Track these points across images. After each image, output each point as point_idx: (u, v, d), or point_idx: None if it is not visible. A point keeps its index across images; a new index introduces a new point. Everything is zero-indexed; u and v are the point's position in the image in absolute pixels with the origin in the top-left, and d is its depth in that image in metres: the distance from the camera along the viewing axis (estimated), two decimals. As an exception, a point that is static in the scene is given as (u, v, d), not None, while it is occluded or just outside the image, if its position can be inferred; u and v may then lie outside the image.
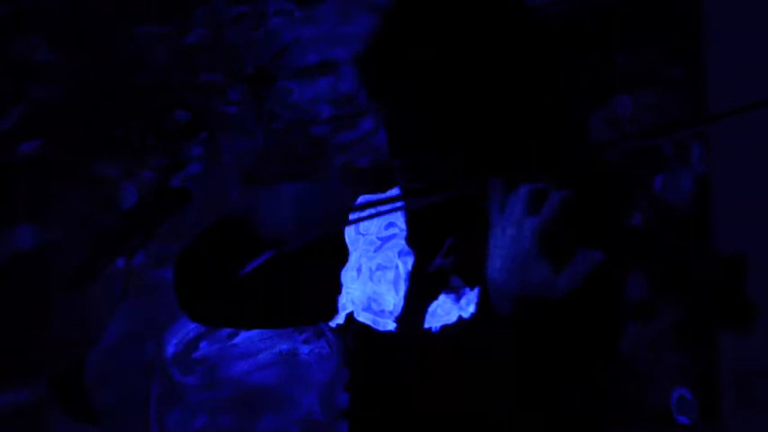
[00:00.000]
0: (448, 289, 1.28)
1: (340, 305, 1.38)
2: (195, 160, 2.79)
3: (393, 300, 1.32)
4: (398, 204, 1.28)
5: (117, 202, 2.77)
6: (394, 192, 1.36)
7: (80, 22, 2.78)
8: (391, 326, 1.31)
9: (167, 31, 2.84)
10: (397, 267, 1.33)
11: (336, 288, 1.38)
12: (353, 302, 1.36)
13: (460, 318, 1.25)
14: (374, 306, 1.33)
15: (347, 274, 1.38)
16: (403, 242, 1.35)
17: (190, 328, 2.63)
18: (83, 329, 2.62)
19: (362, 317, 1.34)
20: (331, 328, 1.56)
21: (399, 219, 1.37)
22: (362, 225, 1.38)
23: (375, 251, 1.36)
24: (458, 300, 1.27)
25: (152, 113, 2.78)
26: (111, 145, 2.78)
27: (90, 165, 2.76)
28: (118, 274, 2.68)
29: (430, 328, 1.27)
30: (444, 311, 1.27)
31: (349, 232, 1.40)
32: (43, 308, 2.64)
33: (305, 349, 2.76)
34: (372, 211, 1.27)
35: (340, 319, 1.38)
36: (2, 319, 2.63)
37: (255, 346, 2.65)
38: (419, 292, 1.31)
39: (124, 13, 2.79)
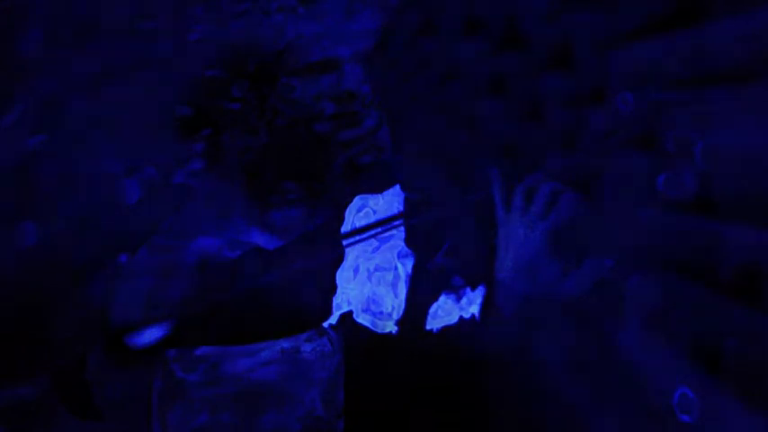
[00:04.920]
0: (449, 289, 1.28)
1: (334, 305, 1.38)
2: (197, 157, 2.79)
3: (392, 302, 1.32)
4: (396, 224, 1.28)
5: (119, 199, 2.77)
6: (392, 193, 1.36)
7: (81, 18, 2.78)
8: (390, 327, 1.31)
9: (169, 27, 2.84)
10: (396, 269, 1.33)
11: (331, 290, 1.38)
12: (350, 302, 1.36)
13: (461, 318, 1.25)
14: (373, 307, 1.33)
15: (343, 274, 1.38)
16: (402, 243, 1.35)
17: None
18: (84, 327, 2.62)
19: (362, 318, 1.34)
20: (333, 326, 1.56)
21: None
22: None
23: (373, 252, 1.36)
24: (458, 300, 1.27)
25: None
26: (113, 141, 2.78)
27: (92, 161, 2.77)
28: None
29: (431, 329, 1.27)
30: (445, 312, 1.27)
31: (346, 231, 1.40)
32: (45, 305, 2.64)
33: (307, 347, 2.76)
34: (368, 233, 1.28)
35: (333, 319, 1.38)
36: (3, 316, 2.64)
37: (257, 344, 2.65)
38: (419, 293, 1.31)
39: (126, 9, 2.79)
